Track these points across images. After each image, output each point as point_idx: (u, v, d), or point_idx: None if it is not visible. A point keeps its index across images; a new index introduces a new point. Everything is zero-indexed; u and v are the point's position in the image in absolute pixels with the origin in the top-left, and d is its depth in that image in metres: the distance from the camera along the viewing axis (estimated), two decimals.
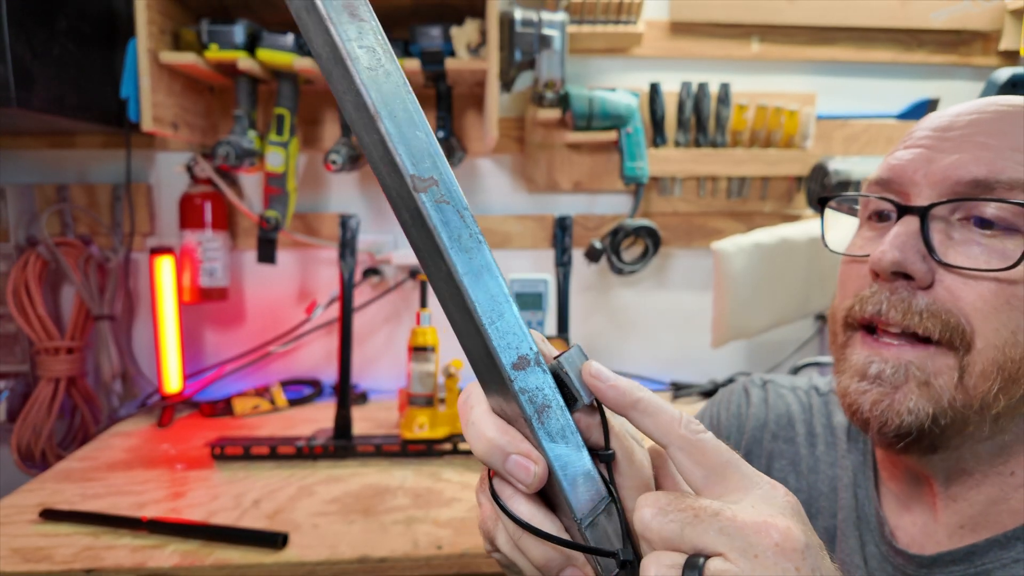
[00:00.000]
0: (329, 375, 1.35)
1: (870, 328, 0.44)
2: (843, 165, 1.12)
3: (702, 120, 1.28)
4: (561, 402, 0.31)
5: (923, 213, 0.41)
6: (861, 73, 1.37)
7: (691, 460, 0.29)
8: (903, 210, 0.42)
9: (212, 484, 0.91)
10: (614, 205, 1.37)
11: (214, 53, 1.05)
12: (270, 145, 1.14)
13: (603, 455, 0.32)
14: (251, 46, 1.07)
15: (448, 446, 1.01)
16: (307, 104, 1.25)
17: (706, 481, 0.29)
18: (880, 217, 0.46)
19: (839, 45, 1.34)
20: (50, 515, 0.80)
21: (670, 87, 1.28)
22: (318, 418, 1.19)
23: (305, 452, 0.99)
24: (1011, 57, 1.36)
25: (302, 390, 1.32)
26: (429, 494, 0.88)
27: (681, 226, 1.36)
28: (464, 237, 0.30)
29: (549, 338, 0.99)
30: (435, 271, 0.31)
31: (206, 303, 1.28)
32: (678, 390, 1.32)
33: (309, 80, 1.19)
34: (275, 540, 0.74)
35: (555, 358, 0.32)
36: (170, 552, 0.73)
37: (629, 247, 1.31)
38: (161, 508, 0.84)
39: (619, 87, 1.26)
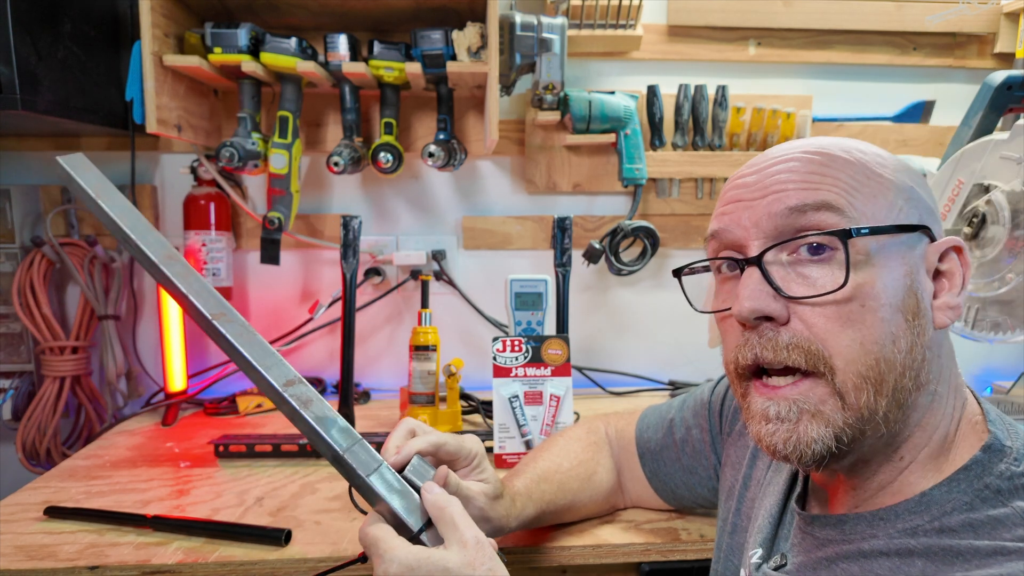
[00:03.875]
0: (332, 374, 1.36)
1: (760, 372, 0.48)
2: None
3: (700, 122, 1.29)
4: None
5: (758, 261, 0.46)
6: (857, 76, 1.38)
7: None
8: (742, 263, 0.47)
9: (216, 482, 0.92)
10: (613, 206, 1.38)
11: (218, 56, 1.06)
12: (273, 147, 1.15)
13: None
14: (255, 49, 1.08)
15: None
16: (310, 106, 1.26)
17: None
18: (729, 268, 0.51)
19: (835, 48, 1.35)
20: (55, 512, 0.81)
21: (668, 90, 1.29)
22: None
23: (308, 450, 1.00)
24: (1006, 60, 1.37)
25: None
26: None
27: (679, 227, 1.37)
28: (245, 334, 0.56)
29: (549, 337, 1.00)
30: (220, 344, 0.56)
31: None
32: (675, 389, 1.33)
33: (312, 83, 1.20)
34: (278, 537, 0.75)
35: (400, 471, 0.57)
36: (174, 549, 0.74)
37: (628, 248, 1.32)
38: (165, 505, 0.85)
39: (618, 90, 1.27)
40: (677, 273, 0.58)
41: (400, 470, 0.57)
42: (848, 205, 0.45)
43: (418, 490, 0.55)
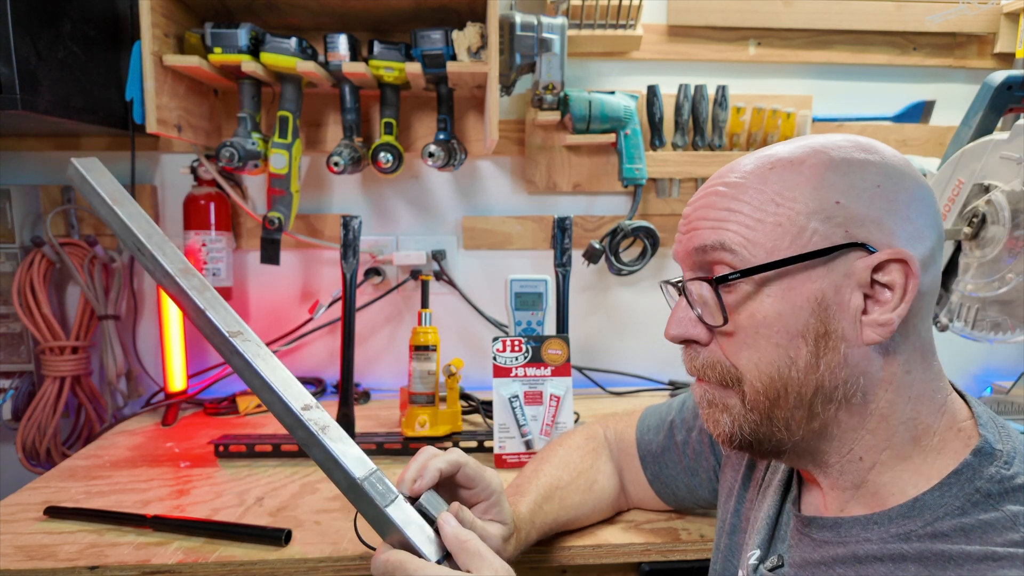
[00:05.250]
0: (331, 374, 1.36)
1: None
2: None
3: (700, 122, 1.29)
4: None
5: (683, 290, 0.52)
6: (857, 76, 1.38)
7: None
8: (677, 285, 0.53)
9: (216, 482, 0.92)
10: (613, 206, 1.38)
11: (218, 56, 1.06)
12: (273, 147, 1.15)
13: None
14: (255, 49, 1.08)
15: (449, 444, 1.02)
16: (310, 106, 1.26)
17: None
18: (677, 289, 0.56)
19: (835, 48, 1.35)
20: (55, 512, 0.81)
21: (668, 90, 1.29)
22: None
23: None
24: (1006, 60, 1.37)
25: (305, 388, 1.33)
26: None
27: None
28: (261, 353, 0.56)
29: (549, 337, 1.00)
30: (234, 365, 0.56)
31: None
32: (675, 389, 1.33)
33: (312, 83, 1.20)
34: (278, 537, 0.75)
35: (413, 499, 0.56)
36: (174, 549, 0.74)
37: (628, 248, 1.32)
38: (165, 505, 0.85)
39: (618, 90, 1.27)
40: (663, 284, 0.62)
41: (412, 501, 0.56)
42: (743, 245, 0.47)
43: (432, 523, 0.55)
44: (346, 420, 1.02)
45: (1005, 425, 0.49)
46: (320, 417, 0.54)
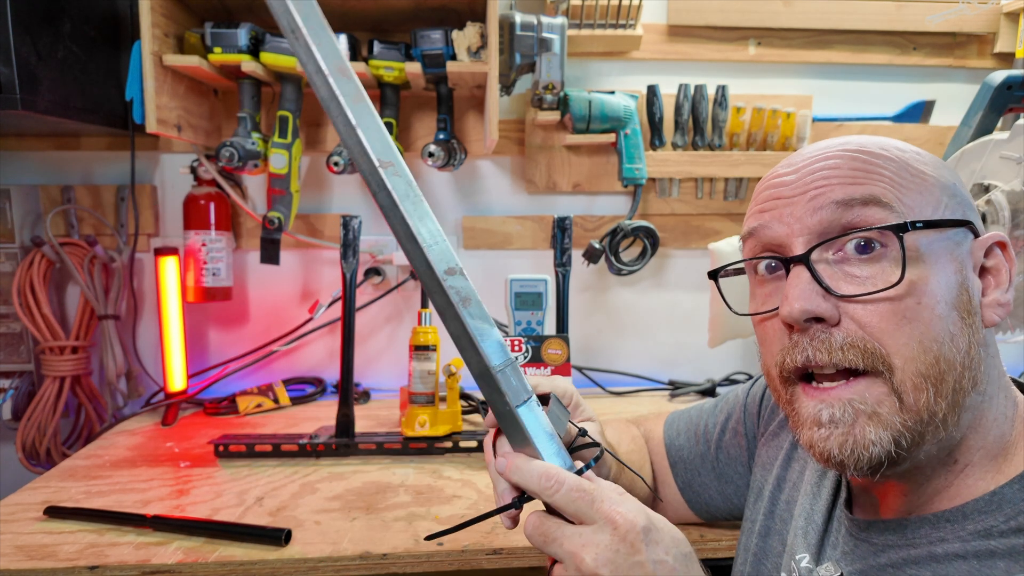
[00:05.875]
0: (331, 374, 1.37)
1: (807, 377, 0.46)
2: None
3: (699, 122, 1.29)
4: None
5: (806, 260, 0.44)
6: (857, 76, 1.38)
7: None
8: (788, 262, 0.45)
9: (216, 481, 0.92)
10: (613, 206, 1.38)
11: (218, 56, 1.06)
12: (273, 147, 1.15)
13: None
14: (254, 49, 1.08)
15: (449, 444, 1.02)
16: (310, 106, 1.26)
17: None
18: (769, 269, 0.49)
19: (835, 48, 1.35)
20: (55, 512, 0.81)
21: (668, 90, 1.29)
22: (320, 416, 1.20)
23: (308, 450, 1.00)
24: (1006, 60, 1.37)
25: (305, 388, 1.33)
26: (430, 491, 0.89)
27: (679, 227, 1.37)
28: (411, 196, 0.46)
29: (549, 337, 1.00)
30: (393, 221, 0.46)
31: (210, 303, 1.29)
32: (676, 389, 1.33)
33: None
34: (278, 537, 0.75)
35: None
36: (174, 549, 0.74)
37: (627, 247, 1.32)
38: (165, 505, 0.85)
39: (618, 90, 1.27)
40: (714, 275, 0.55)
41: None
42: (896, 200, 0.43)
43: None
44: (346, 420, 1.02)
45: None
46: (464, 287, 0.46)
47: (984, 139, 0.86)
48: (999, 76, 0.93)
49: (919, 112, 1.36)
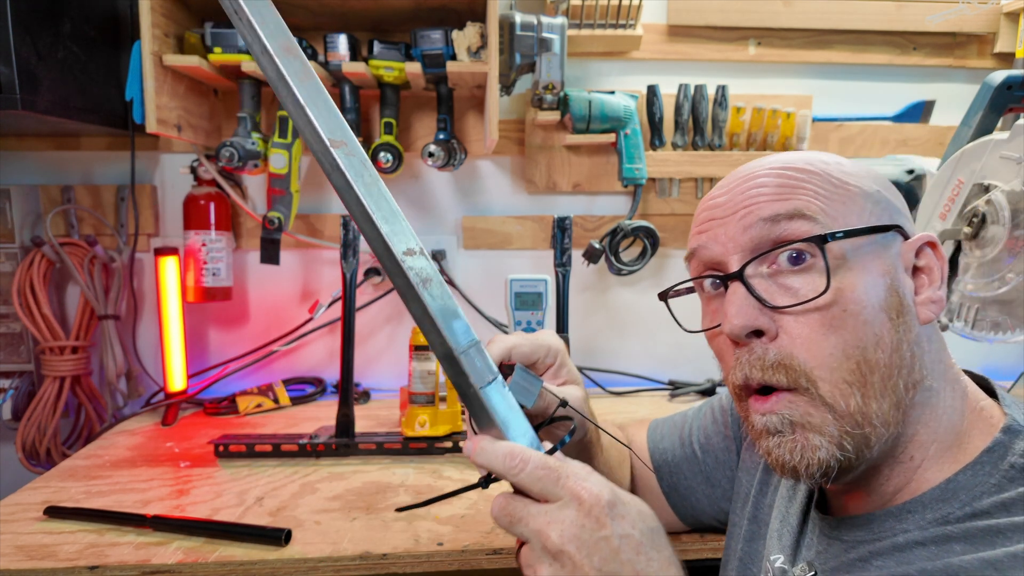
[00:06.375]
0: (331, 374, 1.36)
1: (758, 390, 0.48)
2: None
3: (699, 122, 1.29)
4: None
5: (740, 276, 0.46)
6: (857, 76, 1.38)
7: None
8: (725, 279, 0.48)
9: (216, 481, 0.92)
10: (613, 206, 1.38)
11: (218, 56, 1.06)
12: (273, 147, 1.15)
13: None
14: None
15: (449, 444, 1.02)
16: None
17: None
18: (714, 286, 0.51)
19: (835, 48, 1.35)
20: (55, 512, 0.81)
21: (668, 90, 1.29)
22: (320, 416, 1.20)
23: (308, 450, 1.00)
24: (1006, 60, 1.37)
25: (305, 388, 1.33)
26: (430, 491, 0.89)
27: (679, 227, 1.37)
28: (365, 176, 0.44)
29: None
30: (348, 202, 0.45)
31: (210, 303, 1.29)
32: (676, 389, 1.33)
33: None
34: (278, 537, 0.75)
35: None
36: (174, 549, 0.74)
37: (628, 248, 1.32)
38: (165, 505, 0.85)
39: (618, 90, 1.27)
40: (663, 296, 0.58)
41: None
42: (820, 211, 0.45)
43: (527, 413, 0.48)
44: (346, 420, 1.02)
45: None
46: (423, 267, 0.45)
47: (984, 139, 0.86)
48: (999, 76, 0.93)
49: (919, 112, 1.36)
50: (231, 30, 1.06)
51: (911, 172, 1.12)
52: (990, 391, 0.50)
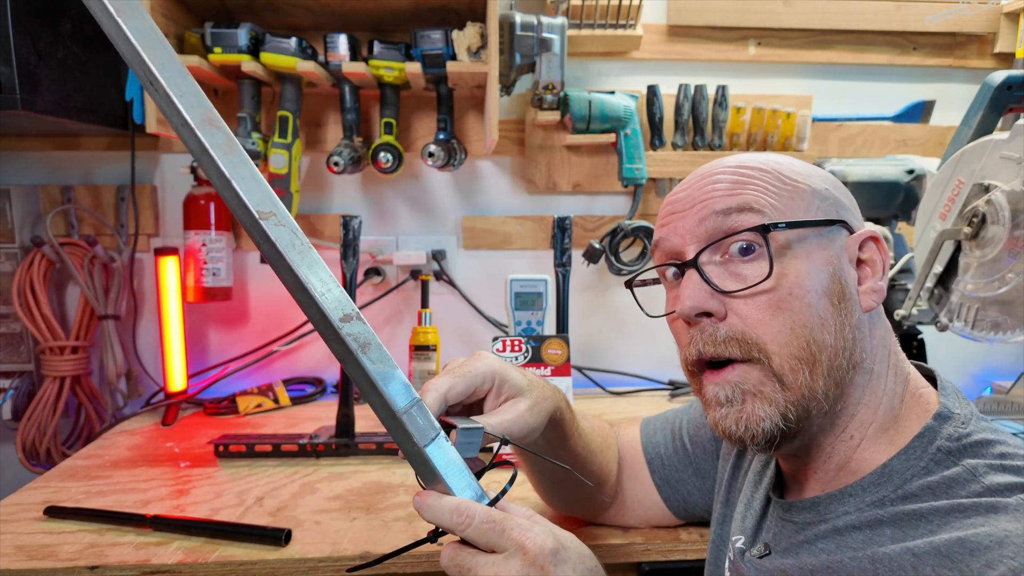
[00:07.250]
0: (331, 374, 1.36)
1: (709, 365, 0.52)
2: (839, 167, 1.13)
3: (700, 122, 1.29)
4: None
5: (695, 263, 0.51)
6: (857, 76, 1.38)
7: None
8: (682, 267, 0.53)
9: (216, 481, 0.92)
10: (613, 206, 1.38)
11: (218, 56, 1.06)
12: (273, 147, 1.15)
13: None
14: (255, 49, 1.08)
15: None
16: (310, 107, 1.26)
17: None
18: (675, 275, 0.56)
19: (835, 48, 1.35)
20: (55, 512, 0.81)
21: (668, 90, 1.29)
22: (320, 416, 1.20)
23: (308, 450, 1.00)
24: (1006, 60, 1.37)
25: (305, 388, 1.33)
26: None
27: None
28: (297, 244, 0.45)
29: (549, 337, 1.00)
30: (278, 269, 0.46)
31: (210, 303, 1.29)
32: (676, 389, 1.33)
33: (312, 83, 1.20)
34: (278, 537, 0.75)
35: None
36: (174, 549, 0.74)
37: (628, 248, 1.32)
38: (165, 505, 0.85)
39: (618, 90, 1.27)
40: (629, 284, 0.62)
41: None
42: (767, 205, 0.50)
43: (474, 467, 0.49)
44: (346, 420, 1.02)
45: (965, 396, 0.52)
46: (361, 332, 0.45)
47: (984, 139, 0.86)
48: (999, 76, 0.93)
49: (919, 112, 1.36)
50: (231, 30, 1.06)
51: (911, 172, 1.12)
52: (934, 381, 0.54)
